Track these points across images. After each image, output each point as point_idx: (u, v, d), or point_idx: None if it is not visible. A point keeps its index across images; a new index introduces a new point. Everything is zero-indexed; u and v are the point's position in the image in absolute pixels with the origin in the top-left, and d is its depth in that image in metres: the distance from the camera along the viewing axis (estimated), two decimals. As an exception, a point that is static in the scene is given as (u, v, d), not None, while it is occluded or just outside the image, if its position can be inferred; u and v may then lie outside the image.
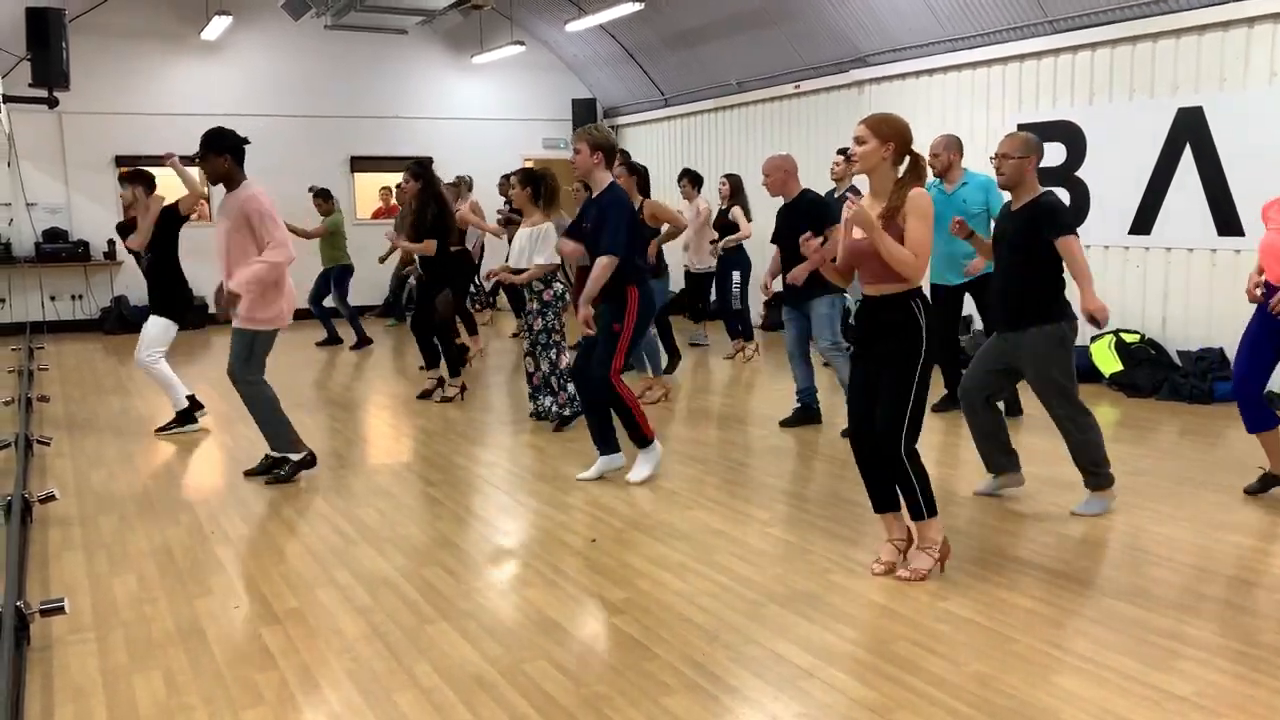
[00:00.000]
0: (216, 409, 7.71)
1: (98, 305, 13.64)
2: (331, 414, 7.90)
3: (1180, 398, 7.74)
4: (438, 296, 8.18)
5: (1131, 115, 8.43)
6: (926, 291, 4.21)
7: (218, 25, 12.82)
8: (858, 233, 4.10)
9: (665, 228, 8.62)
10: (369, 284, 13.53)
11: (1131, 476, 5.68)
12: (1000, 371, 5.09)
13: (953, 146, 7.03)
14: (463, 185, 11.77)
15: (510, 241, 7.72)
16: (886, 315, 4.09)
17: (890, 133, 4.03)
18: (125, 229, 7.77)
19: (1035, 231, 4.86)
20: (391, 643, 3.65)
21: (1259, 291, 5.10)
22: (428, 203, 8.00)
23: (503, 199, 11.78)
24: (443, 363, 8.36)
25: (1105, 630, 3.63)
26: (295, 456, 5.88)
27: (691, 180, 10.66)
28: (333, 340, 11.85)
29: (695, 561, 4.43)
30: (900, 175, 4.08)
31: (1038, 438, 6.67)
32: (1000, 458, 5.26)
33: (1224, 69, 7.79)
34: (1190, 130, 7.96)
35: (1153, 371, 8.05)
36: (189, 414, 7.26)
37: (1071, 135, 8.89)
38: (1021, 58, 9.37)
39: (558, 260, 6.97)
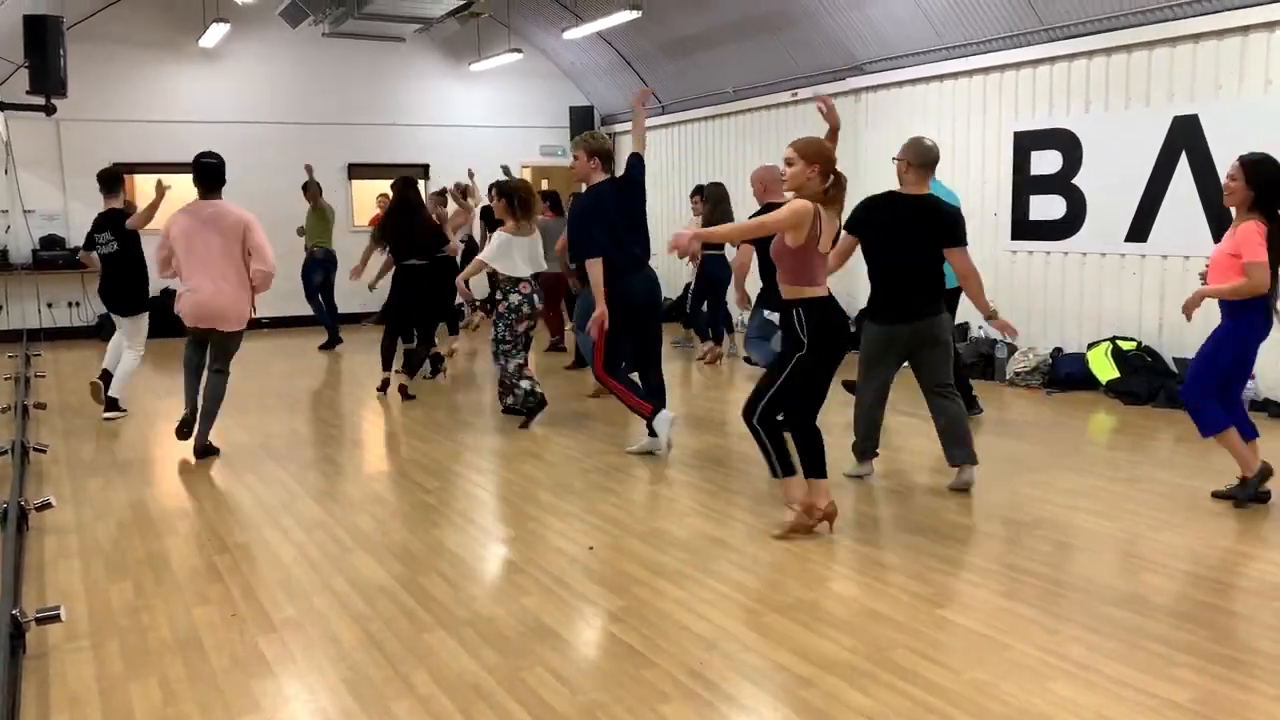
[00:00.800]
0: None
1: (95, 312, 13.63)
2: (326, 419, 7.90)
3: (1176, 405, 7.72)
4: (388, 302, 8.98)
5: (1128, 123, 8.45)
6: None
7: (215, 33, 12.83)
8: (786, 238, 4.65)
9: None
10: (365, 292, 13.50)
11: (1127, 484, 5.69)
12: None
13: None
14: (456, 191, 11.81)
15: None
16: (783, 315, 4.79)
17: (814, 155, 4.56)
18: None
19: None
20: (388, 651, 3.65)
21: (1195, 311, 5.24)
22: (388, 215, 8.93)
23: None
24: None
25: (1101, 637, 3.63)
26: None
27: (704, 196, 10.66)
28: (334, 341, 11.85)
29: (693, 569, 4.43)
30: (825, 192, 4.58)
31: (1030, 443, 6.69)
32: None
33: (1219, 77, 7.82)
34: (1186, 138, 7.98)
35: (1149, 379, 8.06)
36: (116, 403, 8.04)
37: (1068, 143, 8.92)
38: (1018, 66, 9.40)
39: (495, 267, 7.29)
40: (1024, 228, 9.40)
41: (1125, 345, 8.36)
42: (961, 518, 5.12)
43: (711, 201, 10.00)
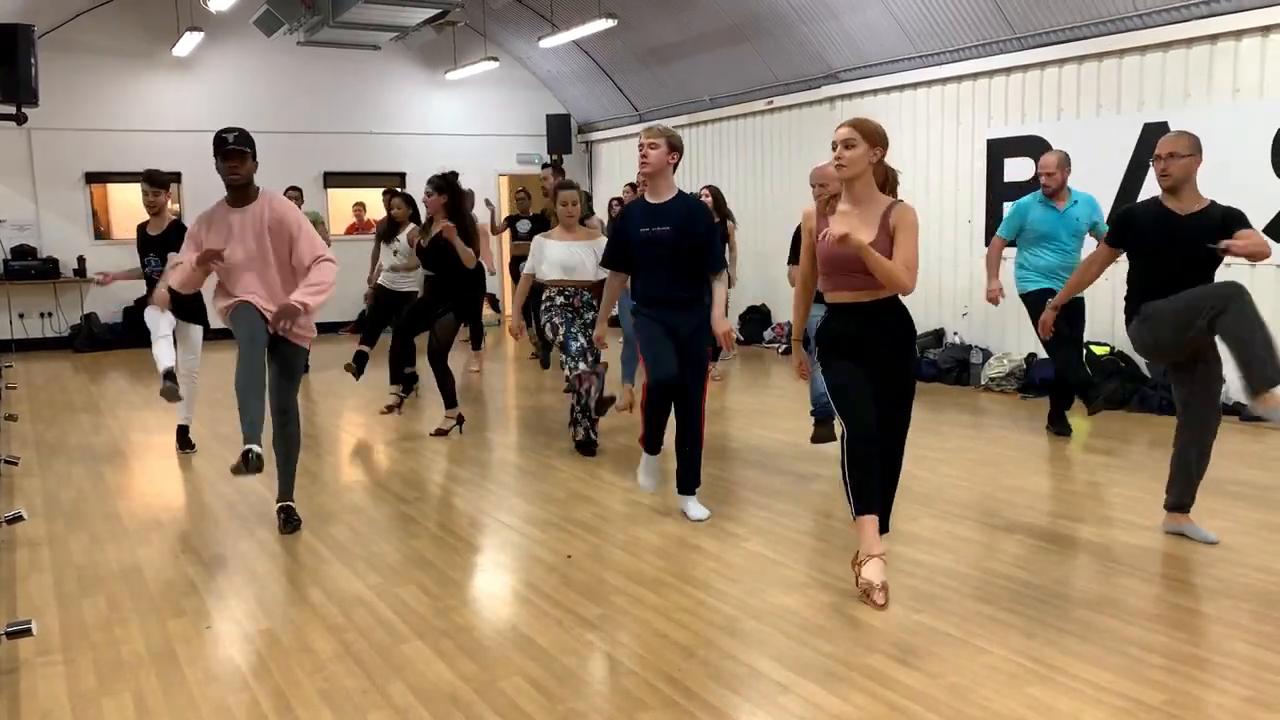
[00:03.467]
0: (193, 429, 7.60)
1: (67, 323, 13.50)
2: (305, 430, 7.82)
3: (1150, 409, 7.83)
4: (443, 319, 7.61)
5: (1099, 130, 8.54)
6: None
7: (189, 41, 12.77)
8: (863, 237, 3.98)
9: None
10: (346, 299, 13.42)
11: (1103, 487, 5.74)
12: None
13: (1065, 164, 6.93)
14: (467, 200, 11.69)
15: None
16: (889, 320, 4.10)
17: (878, 139, 4.02)
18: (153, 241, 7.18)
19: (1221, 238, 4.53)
20: (365, 662, 3.62)
21: None
22: (461, 217, 7.51)
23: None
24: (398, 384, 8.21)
25: (1077, 641, 3.65)
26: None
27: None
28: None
29: (671, 577, 4.43)
30: (880, 183, 4.08)
31: (1004, 448, 6.73)
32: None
33: (1188, 85, 7.92)
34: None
35: (1122, 384, 8.13)
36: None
37: (1040, 150, 8.97)
38: (991, 74, 9.49)
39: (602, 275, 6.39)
40: (998, 234, 9.47)
41: (1099, 350, 8.43)
42: (936, 522, 5.14)
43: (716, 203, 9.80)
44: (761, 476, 6.18)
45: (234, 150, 4.96)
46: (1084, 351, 7.41)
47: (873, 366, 4.12)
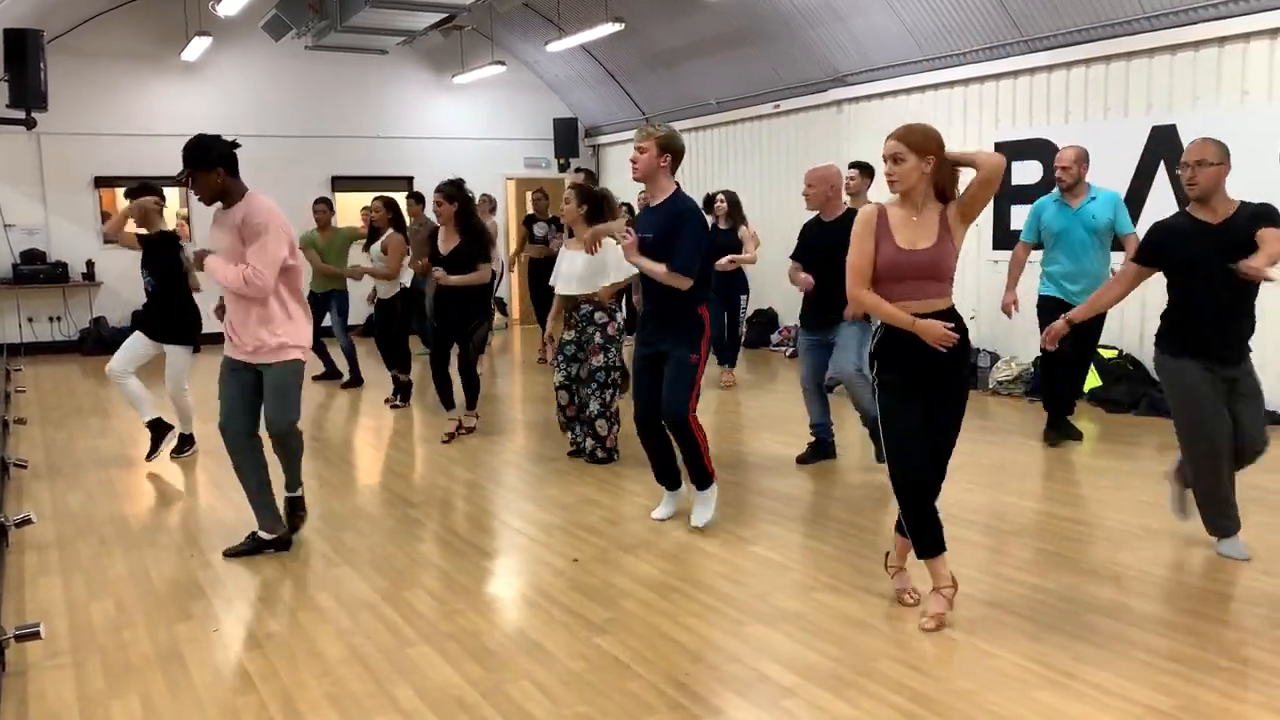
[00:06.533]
0: (197, 432, 7.59)
1: (76, 327, 13.55)
2: (313, 434, 7.85)
3: (1159, 413, 7.77)
4: (478, 331, 7.49)
5: (1106, 133, 8.51)
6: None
7: (198, 46, 12.81)
8: (922, 243, 3.75)
9: None
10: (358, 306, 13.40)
11: (1111, 491, 5.72)
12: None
13: (1082, 160, 6.69)
14: (485, 204, 11.53)
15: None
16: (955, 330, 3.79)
17: (927, 146, 3.74)
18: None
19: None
20: (372, 665, 3.63)
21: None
22: (473, 228, 7.30)
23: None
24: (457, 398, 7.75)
25: (1086, 645, 3.64)
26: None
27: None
28: (332, 375, 10.60)
29: (678, 580, 4.42)
30: (941, 186, 3.81)
31: (1013, 452, 6.71)
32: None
33: (1196, 88, 7.90)
34: (1164, 148, 8.05)
35: (1131, 387, 8.11)
36: (189, 439, 7.21)
37: (1047, 153, 8.94)
38: (998, 77, 9.47)
39: (633, 272, 5.84)
40: (1005, 237, 9.45)
41: (1106, 354, 8.41)
42: (945, 527, 5.12)
43: (730, 207, 9.45)
44: (768, 481, 6.17)
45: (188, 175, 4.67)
46: (1085, 377, 7.27)
47: (931, 389, 3.85)
